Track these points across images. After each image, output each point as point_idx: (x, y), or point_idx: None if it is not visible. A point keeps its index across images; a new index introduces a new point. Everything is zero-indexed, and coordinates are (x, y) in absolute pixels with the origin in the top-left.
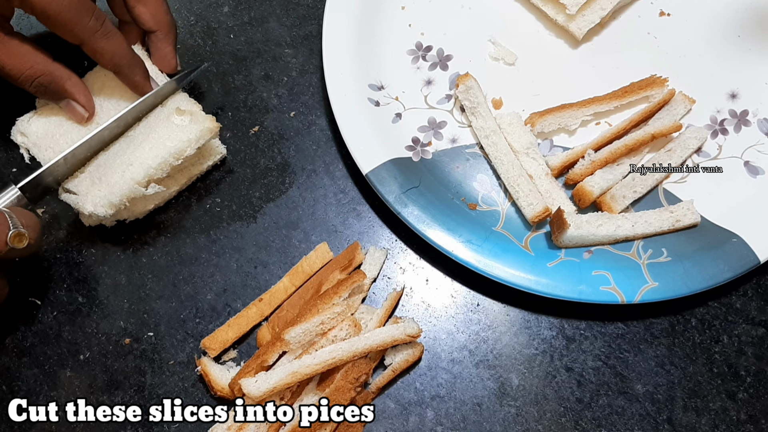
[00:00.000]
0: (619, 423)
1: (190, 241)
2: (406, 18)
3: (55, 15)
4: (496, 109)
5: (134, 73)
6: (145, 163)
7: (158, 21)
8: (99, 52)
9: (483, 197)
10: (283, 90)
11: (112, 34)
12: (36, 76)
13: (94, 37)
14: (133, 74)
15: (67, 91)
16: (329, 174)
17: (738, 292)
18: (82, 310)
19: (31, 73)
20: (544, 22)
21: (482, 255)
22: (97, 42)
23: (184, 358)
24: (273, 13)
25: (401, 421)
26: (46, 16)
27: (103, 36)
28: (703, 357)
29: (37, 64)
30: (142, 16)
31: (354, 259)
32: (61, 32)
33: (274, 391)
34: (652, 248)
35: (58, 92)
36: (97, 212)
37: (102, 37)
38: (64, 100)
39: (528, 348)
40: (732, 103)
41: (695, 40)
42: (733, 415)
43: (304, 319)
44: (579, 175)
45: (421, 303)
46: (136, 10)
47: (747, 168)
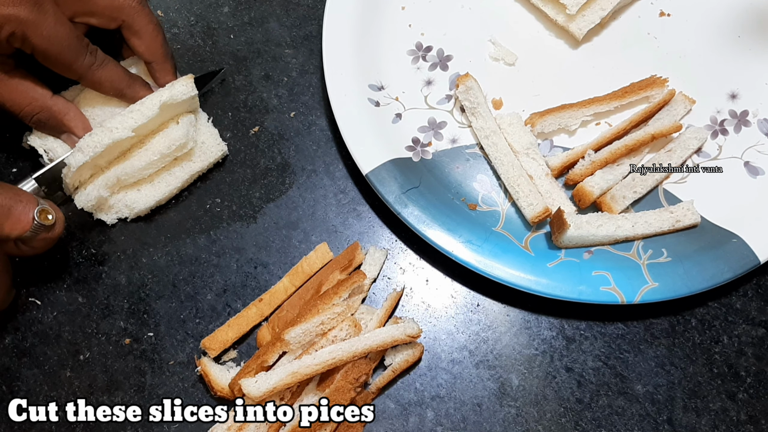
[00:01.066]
0: (619, 423)
1: (190, 241)
2: (406, 18)
3: (55, 56)
4: (496, 109)
5: (136, 92)
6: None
7: (153, 53)
8: (98, 83)
9: (483, 197)
10: (283, 90)
11: (106, 62)
12: (35, 112)
13: (90, 71)
14: (135, 94)
15: (65, 125)
16: (329, 174)
17: (738, 292)
18: (82, 310)
19: (30, 110)
20: (544, 22)
21: (482, 255)
22: (94, 74)
23: (184, 358)
24: (273, 13)
25: (401, 422)
26: (46, 56)
27: (99, 68)
28: (703, 357)
29: (36, 100)
30: (138, 49)
31: (354, 260)
32: (60, 70)
33: (274, 391)
34: (652, 248)
35: (57, 127)
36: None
37: (98, 69)
38: (64, 133)
39: (528, 348)
40: (732, 104)
41: (695, 40)
42: (733, 415)
43: (304, 320)
44: (579, 175)
45: (421, 303)
46: (131, 42)
47: (747, 168)
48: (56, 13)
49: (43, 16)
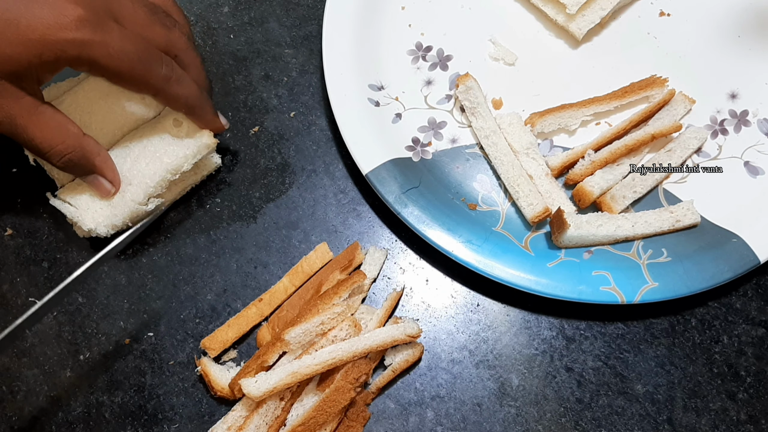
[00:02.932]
0: (619, 423)
1: (190, 241)
2: (406, 18)
3: (127, 72)
4: (496, 109)
5: (206, 112)
6: (143, 182)
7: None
8: (173, 99)
9: (483, 197)
10: (283, 90)
11: (183, 77)
12: (68, 152)
13: (168, 85)
14: (205, 113)
15: (97, 167)
16: (329, 174)
17: (738, 292)
18: (82, 310)
19: (63, 149)
20: (544, 22)
21: (482, 255)
22: (171, 89)
23: (184, 358)
24: (273, 13)
25: (401, 421)
26: (119, 75)
27: (177, 82)
28: (703, 357)
29: (69, 138)
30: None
31: (354, 260)
32: (135, 87)
33: (274, 391)
34: (652, 248)
35: (87, 168)
36: (98, 231)
37: (176, 84)
38: (92, 175)
39: (528, 348)
40: (732, 103)
41: (695, 40)
42: (733, 415)
43: (304, 320)
44: (579, 175)
45: (421, 303)
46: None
47: (747, 168)
48: (120, 28)
49: (108, 34)
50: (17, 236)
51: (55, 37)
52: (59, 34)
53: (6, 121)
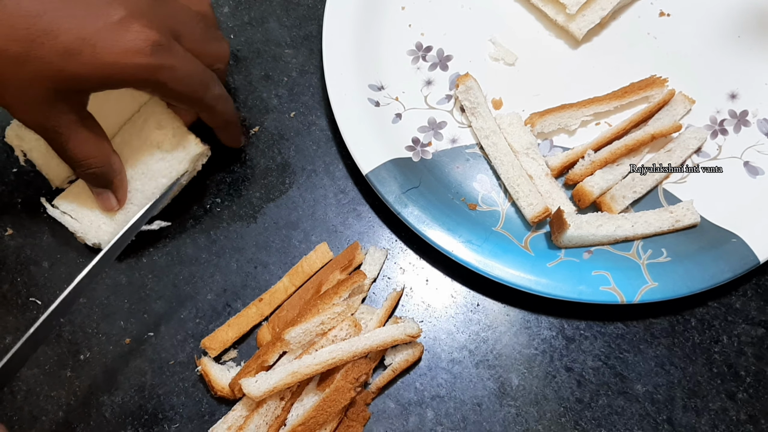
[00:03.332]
0: (619, 423)
1: (190, 241)
2: (406, 18)
3: (189, 93)
4: (496, 109)
5: (237, 129)
6: (142, 203)
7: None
8: (218, 115)
9: (483, 197)
10: (283, 90)
11: (227, 95)
12: (97, 166)
13: (217, 102)
14: (236, 130)
15: (113, 184)
16: (329, 174)
17: (738, 292)
18: (82, 310)
19: (93, 162)
20: (544, 22)
21: (482, 255)
22: (219, 107)
23: (184, 358)
24: (273, 13)
25: (401, 421)
26: (180, 96)
27: (224, 100)
28: (702, 357)
29: (101, 154)
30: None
31: (354, 259)
32: (187, 105)
33: (274, 391)
34: (652, 248)
35: (105, 183)
36: (101, 246)
37: (223, 102)
38: (105, 189)
39: (528, 348)
40: (732, 104)
41: (695, 40)
42: (733, 415)
43: (304, 319)
44: (579, 175)
45: (421, 303)
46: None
47: (747, 168)
48: (183, 50)
49: (175, 58)
50: (17, 236)
51: (129, 62)
52: (134, 59)
53: (51, 130)
